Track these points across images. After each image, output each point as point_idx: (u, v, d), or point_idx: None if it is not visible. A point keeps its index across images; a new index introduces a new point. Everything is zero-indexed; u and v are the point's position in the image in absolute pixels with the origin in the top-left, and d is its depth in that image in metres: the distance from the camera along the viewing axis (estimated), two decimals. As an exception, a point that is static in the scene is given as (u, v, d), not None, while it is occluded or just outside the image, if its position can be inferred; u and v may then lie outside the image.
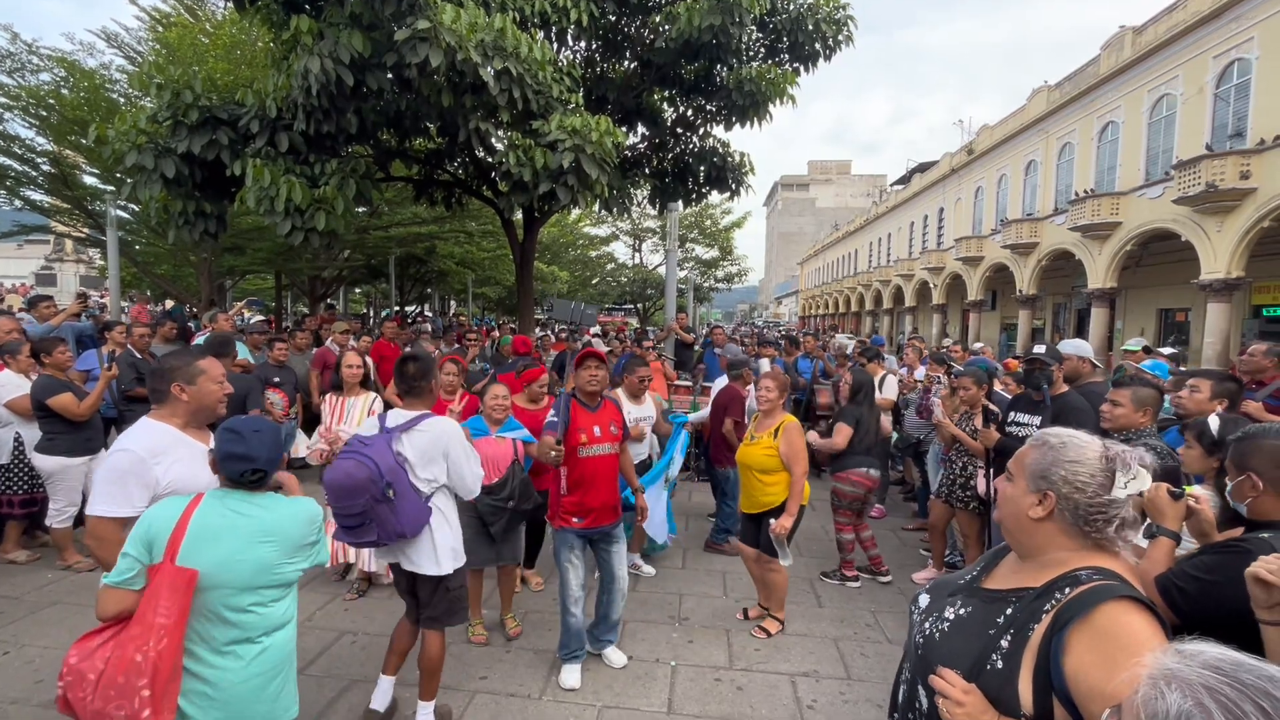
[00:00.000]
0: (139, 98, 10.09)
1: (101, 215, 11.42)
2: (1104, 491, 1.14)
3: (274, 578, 1.81)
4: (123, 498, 1.95)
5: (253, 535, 1.78)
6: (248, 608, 1.78)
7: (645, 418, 4.56)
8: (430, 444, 2.59)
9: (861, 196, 69.35)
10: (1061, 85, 23.12)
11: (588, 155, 6.27)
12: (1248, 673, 0.66)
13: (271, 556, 1.80)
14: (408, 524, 2.51)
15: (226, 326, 6.35)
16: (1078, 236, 20.37)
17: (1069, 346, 4.04)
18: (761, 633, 3.80)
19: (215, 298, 13.48)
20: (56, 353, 4.31)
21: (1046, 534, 1.19)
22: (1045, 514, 1.18)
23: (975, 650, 1.16)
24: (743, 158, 9.73)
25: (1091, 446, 1.19)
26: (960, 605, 1.26)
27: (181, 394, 2.14)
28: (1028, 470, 1.23)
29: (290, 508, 1.88)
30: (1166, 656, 0.71)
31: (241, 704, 1.77)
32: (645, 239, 31.89)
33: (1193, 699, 0.65)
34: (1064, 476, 1.17)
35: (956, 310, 31.85)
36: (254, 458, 1.80)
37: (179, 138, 6.46)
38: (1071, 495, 1.16)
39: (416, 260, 19.91)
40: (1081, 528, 1.16)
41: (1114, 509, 1.14)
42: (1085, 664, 1.01)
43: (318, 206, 6.34)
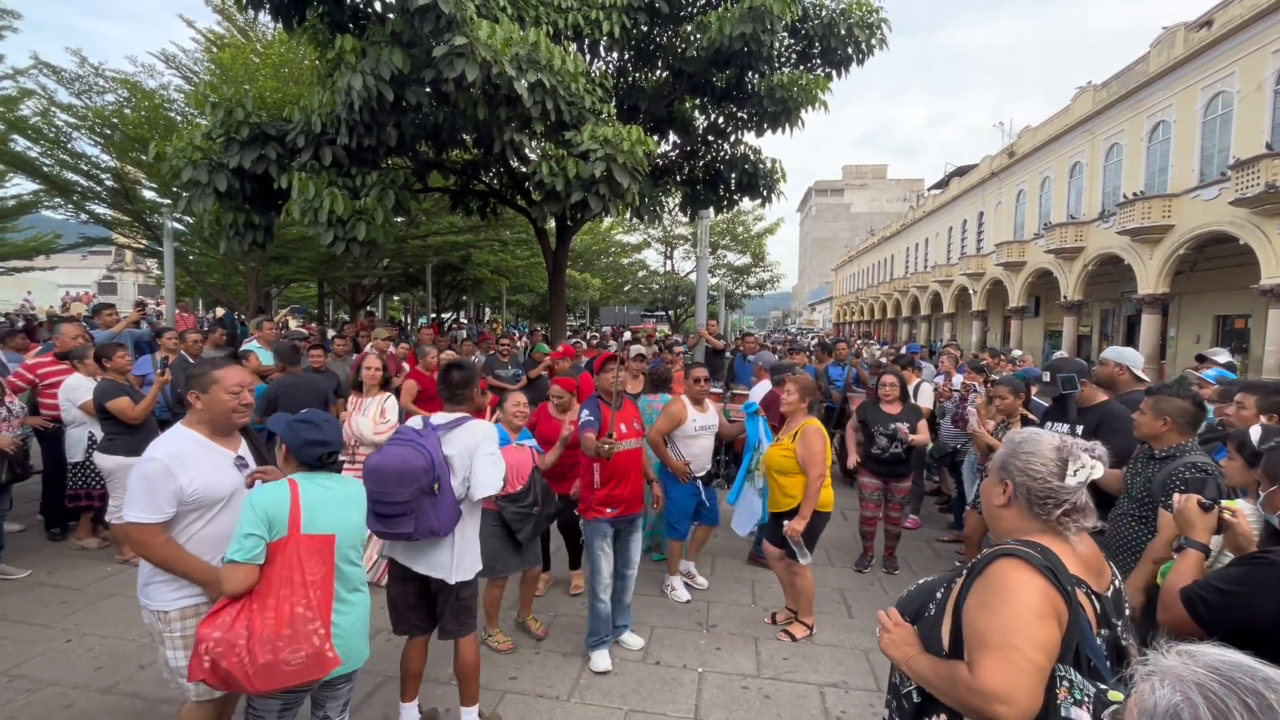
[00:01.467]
0: (195, 116, 10.61)
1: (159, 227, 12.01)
2: (1054, 479, 1.29)
3: (361, 537, 2.23)
4: (153, 505, 2.08)
5: (344, 503, 2.16)
6: (354, 561, 2.18)
7: (709, 426, 4.38)
8: (469, 444, 2.64)
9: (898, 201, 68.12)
10: (1108, 84, 22.37)
11: (619, 164, 6.35)
12: (1244, 674, 0.67)
13: (359, 519, 2.22)
14: (445, 521, 2.54)
15: (271, 334, 6.61)
16: (1127, 240, 19.64)
17: (1112, 353, 3.90)
18: (786, 636, 3.78)
19: (263, 305, 14.02)
20: (117, 357, 4.57)
21: (1010, 519, 1.36)
22: (1005, 500, 1.36)
23: (920, 602, 1.43)
24: (774, 164, 9.70)
25: (1047, 441, 1.35)
26: (935, 578, 1.50)
27: (196, 402, 2.24)
28: (995, 464, 1.42)
29: (354, 485, 2.28)
30: (1169, 656, 0.72)
31: (354, 640, 2.16)
32: (677, 246, 31.96)
33: (1181, 694, 0.67)
34: (1019, 466, 1.34)
35: (997, 317, 30.96)
36: (329, 441, 2.15)
37: (231, 153, 6.77)
38: (1025, 482, 1.32)
39: (452, 268, 20.32)
40: (1035, 511, 1.31)
41: (1062, 494, 1.29)
42: (969, 606, 1.26)
43: (358, 217, 6.56)
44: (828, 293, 73.84)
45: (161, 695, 3.08)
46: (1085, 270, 22.32)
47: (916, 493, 6.43)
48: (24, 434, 4.37)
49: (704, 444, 4.35)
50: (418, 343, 7.48)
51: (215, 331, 6.55)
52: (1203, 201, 17.41)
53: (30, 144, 11.01)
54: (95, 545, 4.86)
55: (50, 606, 3.95)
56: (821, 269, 77.80)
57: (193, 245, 13.64)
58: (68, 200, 12.22)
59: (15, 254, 17.69)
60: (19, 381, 4.90)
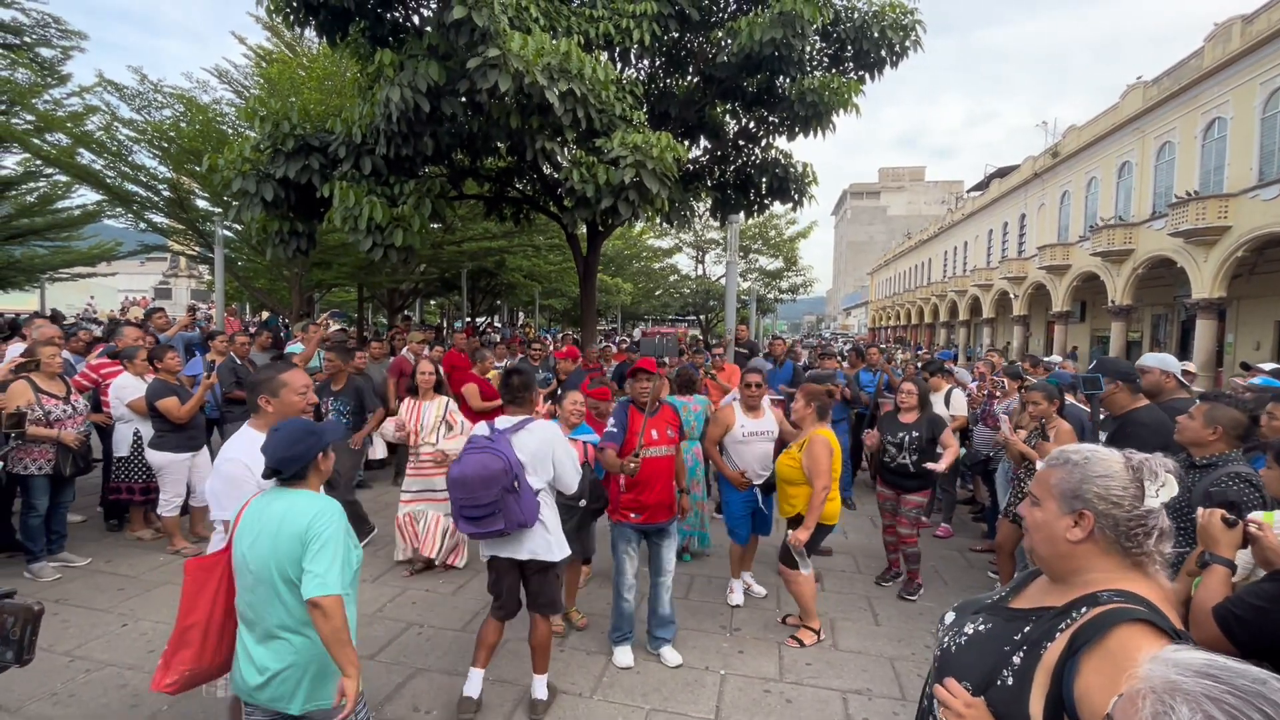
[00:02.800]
0: (245, 129, 11.10)
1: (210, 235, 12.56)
2: (1139, 503, 1.12)
3: (282, 572, 2.07)
4: (238, 504, 2.19)
5: (264, 529, 2.07)
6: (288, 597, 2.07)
7: (762, 431, 4.19)
8: (540, 445, 2.91)
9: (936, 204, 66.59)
10: (1160, 81, 21.51)
11: (649, 170, 6.42)
12: (1239, 677, 0.67)
13: (275, 549, 2.06)
14: (529, 513, 2.80)
15: (316, 336, 6.87)
16: (1179, 242, 18.82)
17: (1151, 359, 3.75)
18: (795, 642, 3.79)
19: (306, 309, 14.52)
20: (167, 359, 4.89)
21: (1085, 556, 1.15)
22: (1084, 535, 1.14)
23: (988, 665, 1.14)
24: (805, 168, 9.65)
25: (1115, 458, 1.17)
26: (981, 622, 1.24)
27: (268, 405, 2.38)
28: (1056, 491, 1.19)
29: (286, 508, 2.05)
30: (1158, 665, 0.72)
31: (283, 684, 2.03)
32: (708, 250, 31.88)
33: (1201, 712, 0.66)
34: (1098, 493, 1.13)
35: (1040, 322, 29.98)
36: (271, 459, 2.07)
37: (277, 164, 7.08)
38: (1110, 511, 1.12)
39: (487, 273, 20.67)
40: (1122, 544, 1.12)
41: (1152, 520, 1.11)
42: (1091, 686, 1.00)
43: (396, 224, 6.78)
44: (863, 297, 72.58)
45: (208, 679, 3.25)
46: (1135, 273, 21.47)
47: (949, 501, 6.30)
48: (86, 430, 4.66)
49: (760, 450, 4.19)
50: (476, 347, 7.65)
51: (262, 334, 6.84)
52: (1262, 201, 16.59)
53: (95, 157, 11.67)
54: (149, 536, 5.13)
55: (108, 593, 4.20)
56: (857, 273, 76.52)
57: (241, 252, 14.22)
58: (128, 210, 12.89)
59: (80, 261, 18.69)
60: (84, 381, 5.22)
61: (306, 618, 1.88)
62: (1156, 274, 21.21)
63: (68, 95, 12.16)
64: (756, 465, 4.19)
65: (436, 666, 3.42)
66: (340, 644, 1.83)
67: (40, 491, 4.35)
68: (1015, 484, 4.33)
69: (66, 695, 3.10)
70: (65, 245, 17.65)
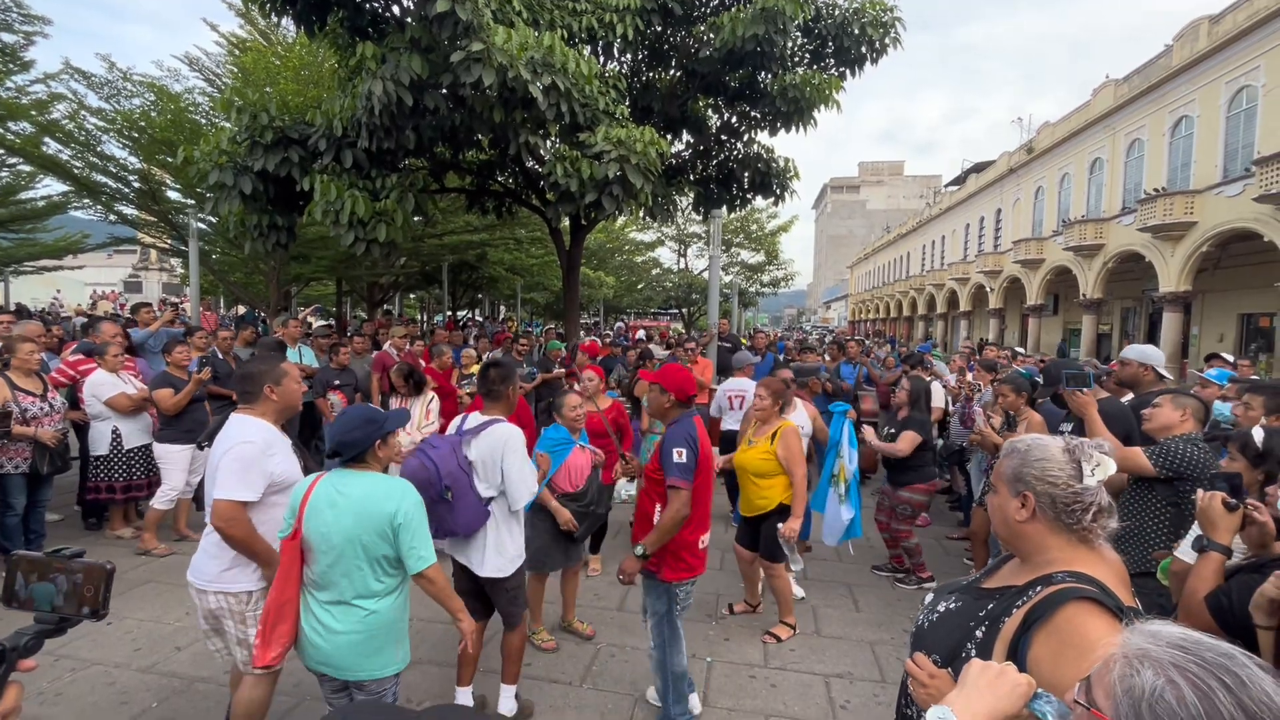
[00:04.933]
0: (219, 119, 10.88)
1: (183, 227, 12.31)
2: (1075, 481, 1.22)
3: (359, 550, 2.25)
4: (246, 484, 2.27)
5: (338, 508, 2.22)
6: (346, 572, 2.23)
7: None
8: (488, 451, 2.69)
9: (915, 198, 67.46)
10: (1130, 79, 22.03)
11: (633, 165, 6.46)
12: (1208, 650, 0.73)
13: (354, 527, 2.22)
14: (462, 524, 2.68)
15: (295, 332, 6.80)
16: (1148, 237, 19.36)
17: (1132, 352, 3.88)
18: (771, 638, 3.79)
19: (283, 304, 14.31)
20: (176, 351, 4.93)
21: (1035, 534, 1.26)
22: (1029, 514, 1.25)
23: (954, 640, 1.24)
24: (787, 163, 9.75)
25: (1054, 444, 1.27)
26: (954, 601, 1.34)
27: (272, 394, 2.41)
28: (1005, 478, 1.31)
29: (368, 489, 2.26)
30: (1135, 635, 0.78)
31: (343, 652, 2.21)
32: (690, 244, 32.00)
33: (1165, 676, 0.71)
34: (1036, 475, 1.25)
35: (1015, 315, 30.61)
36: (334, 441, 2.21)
37: (255, 156, 6.98)
38: (1048, 491, 1.23)
39: (468, 267, 20.54)
40: (1063, 520, 1.22)
41: (1088, 496, 1.22)
42: (1041, 658, 1.10)
43: (379, 219, 6.73)
44: (843, 290, 73.36)
45: (197, 674, 3.26)
46: (1105, 268, 22.03)
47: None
48: (64, 428, 4.59)
49: None
50: (433, 341, 7.65)
51: (246, 329, 6.77)
52: (1226, 198, 17.12)
53: (61, 146, 11.35)
54: (129, 534, 5.07)
55: (90, 591, 4.15)
56: (837, 266, 77.28)
57: (215, 245, 13.96)
58: (96, 201, 12.57)
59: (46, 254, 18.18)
60: (60, 378, 5.13)
61: (379, 589, 2.15)
62: (1126, 268, 21.78)
63: (31, 82, 11.82)
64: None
65: (428, 658, 3.46)
66: (448, 597, 2.25)
67: (17, 490, 4.28)
68: (989, 474, 4.48)
69: (53, 694, 3.08)
70: (30, 238, 17.16)
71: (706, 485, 2.82)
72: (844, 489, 4.22)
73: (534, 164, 8.85)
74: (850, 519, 4.23)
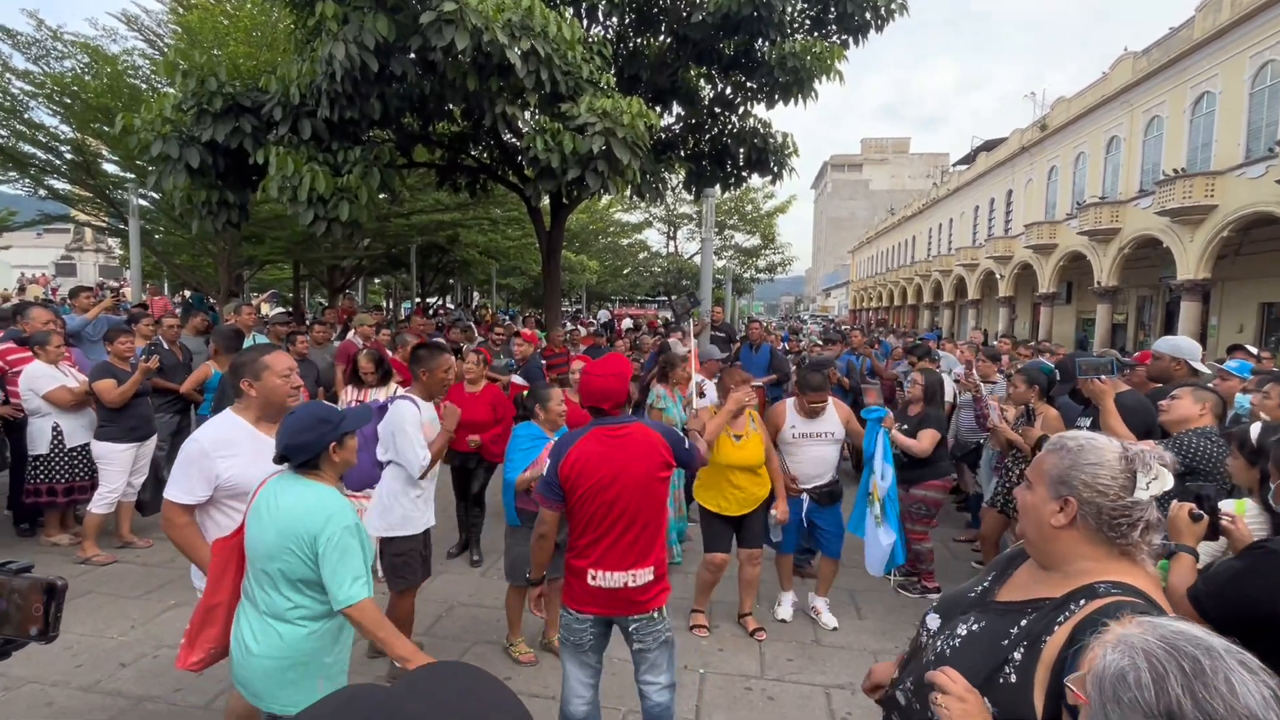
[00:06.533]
0: (162, 84, 10.65)
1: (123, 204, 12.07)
2: (1126, 494, 1.19)
3: (275, 563, 2.17)
4: (186, 486, 2.27)
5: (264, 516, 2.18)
6: (270, 588, 2.16)
7: (816, 433, 4.09)
8: (387, 424, 3.30)
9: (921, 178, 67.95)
10: (1149, 52, 22.30)
11: (619, 139, 6.43)
12: (1188, 642, 0.77)
13: (271, 539, 2.17)
14: (352, 477, 3.35)
15: (249, 320, 6.71)
16: (1166, 221, 19.66)
17: (1164, 345, 3.94)
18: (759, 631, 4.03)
19: (235, 288, 14.11)
20: (119, 341, 4.83)
21: (1069, 542, 1.23)
22: (1067, 521, 1.21)
23: (988, 664, 1.20)
24: (785, 138, 9.77)
25: (1110, 448, 1.23)
26: (974, 620, 1.30)
27: (250, 390, 2.39)
28: (1047, 476, 1.27)
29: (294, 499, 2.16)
30: (1131, 625, 0.83)
31: (256, 677, 2.15)
32: (680, 225, 32.00)
33: (1128, 658, 0.78)
34: (1085, 480, 1.21)
35: (1026, 304, 31.01)
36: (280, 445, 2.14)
37: (203, 126, 6.85)
38: (1094, 499, 1.19)
39: (438, 249, 20.38)
40: (1105, 533, 1.19)
41: (1137, 511, 1.19)
42: None
43: (340, 196, 6.66)
44: (843, 277, 73.84)
45: (145, 693, 3.22)
46: (1121, 253, 22.36)
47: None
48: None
49: (813, 453, 4.09)
50: (398, 330, 7.59)
51: (195, 316, 6.65)
52: (1248, 180, 17.42)
53: (-19, 113, 11.05)
54: (67, 541, 4.98)
55: (23, 604, 4.08)
56: (837, 251, 77.70)
57: (159, 223, 13.70)
58: (24, 174, 12.26)
59: (-35, 232, 17.72)
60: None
61: (295, 614, 2.02)
62: (1143, 254, 22.13)
63: (-53, 41, 11.46)
64: (811, 468, 4.11)
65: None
66: (380, 630, 1.97)
67: (-60, 493, 4.20)
68: (1001, 472, 4.55)
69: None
70: (-52, 215, 16.67)
71: (611, 508, 2.45)
72: (879, 510, 4.03)
73: (511, 137, 8.77)
74: (891, 544, 4.01)
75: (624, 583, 2.48)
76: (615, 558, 2.48)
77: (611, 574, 2.48)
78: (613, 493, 2.43)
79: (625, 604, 2.52)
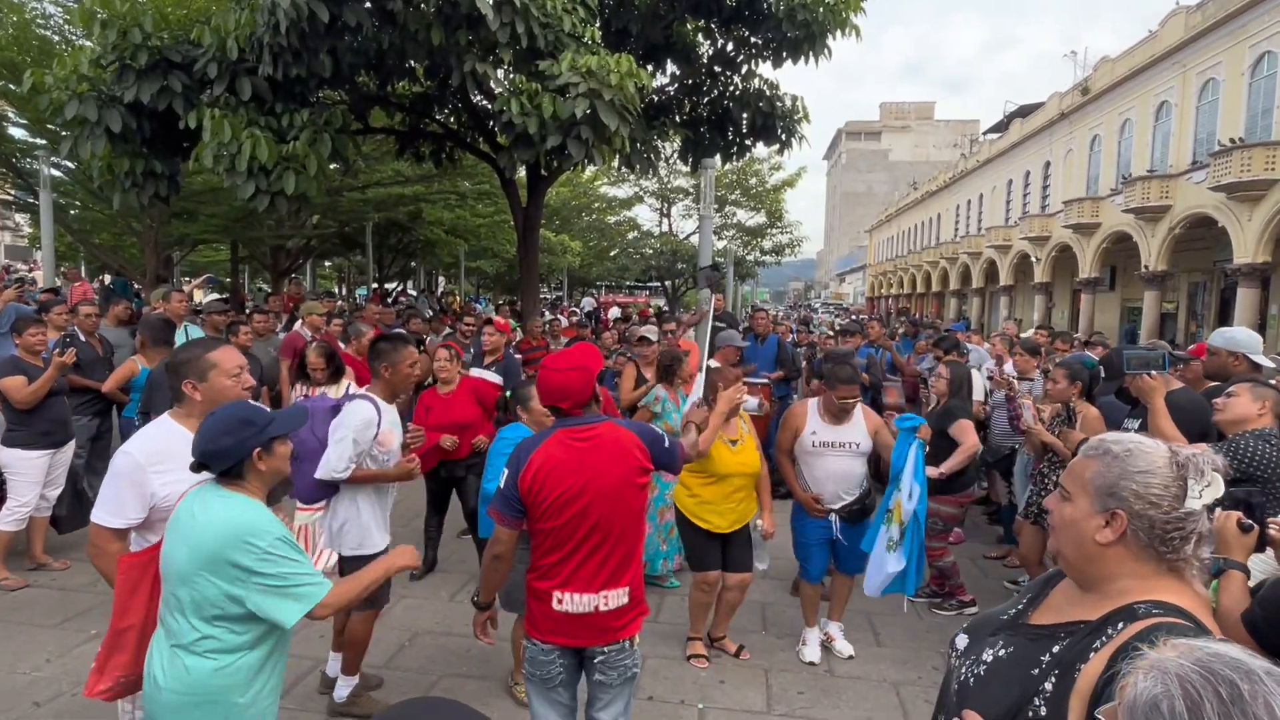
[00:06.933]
0: (77, 36, 10.50)
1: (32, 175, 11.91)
2: (1179, 504, 1.18)
3: (188, 590, 2.13)
4: (117, 507, 2.21)
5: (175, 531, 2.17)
6: (181, 613, 2.14)
7: (841, 443, 4.06)
8: (335, 424, 3.24)
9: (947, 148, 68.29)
10: (1204, 6, 22.47)
11: (605, 102, 6.41)
12: (1226, 666, 0.79)
13: (184, 557, 2.13)
14: (302, 490, 3.36)
15: (180, 308, 6.63)
16: (1221, 198, 19.86)
17: (1219, 338, 3.97)
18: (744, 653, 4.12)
19: (163, 272, 13.97)
20: (28, 333, 4.74)
21: (1115, 560, 1.22)
22: (1115, 537, 1.20)
23: (1015, 695, 1.19)
24: (795, 102, 9.77)
25: (1159, 451, 1.23)
26: (1001, 645, 1.30)
27: (195, 392, 2.33)
28: (1091, 486, 1.25)
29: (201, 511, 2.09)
30: (1166, 649, 0.85)
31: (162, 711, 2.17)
32: (675, 201, 31.95)
33: (1161, 685, 0.79)
34: (1135, 491, 1.19)
35: (1065, 291, 31.29)
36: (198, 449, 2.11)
37: (126, 84, 6.76)
38: (1145, 512, 1.18)
39: (398, 228, 20.28)
40: (1157, 548, 1.19)
41: (1190, 523, 1.18)
42: None
43: (286, 166, 6.60)
44: (859, 260, 74.17)
45: (62, 737, 3.19)
46: (1171, 234, 22.57)
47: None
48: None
49: (835, 467, 4.06)
50: (350, 320, 7.54)
51: (118, 304, 6.57)
52: (1314, 151, 17.63)
53: None
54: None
55: (-81, 635, 4.03)
56: (853, 231, 78.03)
57: (75, 197, 13.55)
58: (-85, 140, 12.09)
59: None
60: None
61: (202, 645, 1.95)
62: (1195, 235, 22.34)
63: None
64: (834, 483, 4.06)
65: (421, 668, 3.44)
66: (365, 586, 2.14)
67: None
68: (1036, 479, 4.58)
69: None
70: None
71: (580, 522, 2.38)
72: (898, 533, 3.88)
73: (482, 99, 8.71)
74: (898, 572, 3.88)
75: (595, 606, 2.41)
76: (585, 578, 2.41)
77: (581, 596, 2.41)
78: (581, 504, 2.37)
79: (595, 631, 2.45)
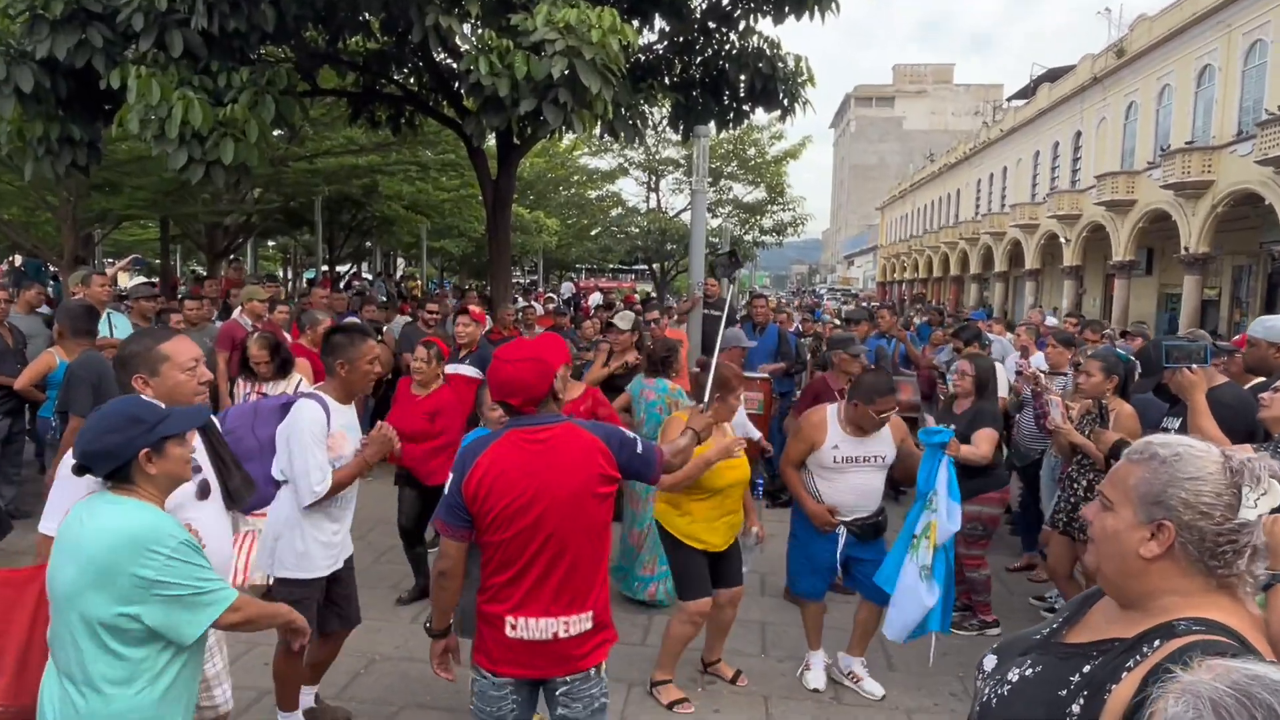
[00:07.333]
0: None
1: (-69, 141, 11.73)
2: (1232, 514, 1.18)
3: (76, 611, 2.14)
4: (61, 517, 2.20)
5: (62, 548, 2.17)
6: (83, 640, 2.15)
7: (864, 456, 4.06)
8: (282, 428, 3.17)
9: (967, 115, 68.76)
10: (1252, -42, 22.74)
11: (585, 61, 6.40)
12: (1264, 688, 0.81)
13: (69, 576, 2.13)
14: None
15: (102, 293, 6.57)
16: (1269, 172, 20.12)
17: (1259, 328, 4.03)
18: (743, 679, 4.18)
19: (82, 252, 13.81)
20: None
21: (1160, 576, 1.23)
22: (1162, 550, 1.21)
23: (1038, 717, 1.22)
24: (798, 63, 9.80)
25: (1210, 456, 1.23)
26: (1029, 665, 1.32)
27: (146, 388, 2.33)
28: (1135, 494, 1.26)
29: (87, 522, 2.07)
30: (1201, 670, 0.87)
31: None
32: (664, 174, 31.91)
33: (1192, 710, 0.81)
34: (1185, 499, 1.19)
35: (1097, 275, 31.66)
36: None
37: (38, 37, 6.67)
38: (1195, 523, 1.19)
39: (351, 203, 20.13)
40: (1207, 563, 1.20)
41: (1245, 535, 1.18)
42: None
43: (223, 132, 6.55)
44: (870, 240, 74.59)
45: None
46: (1214, 213, 22.84)
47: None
48: None
49: (857, 482, 4.08)
50: (302, 307, 7.52)
51: (30, 289, 6.50)
52: (1370, 121, 17.90)
53: None
54: None
55: None
56: (862, 208, 78.45)
57: (-20, 167, 13.36)
58: None
59: None
60: None
61: (97, 675, 1.94)
62: (1240, 213, 22.63)
63: None
64: (854, 499, 4.06)
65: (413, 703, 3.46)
66: (268, 618, 2.29)
67: None
68: (1064, 484, 4.65)
69: None
70: None
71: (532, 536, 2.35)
72: (929, 559, 3.74)
73: (446, 57, 8.67)
74: (932, 607, 3.73)
75: (554, 633, 2.37)
76: (542, 601, 2.37)
77: (538, 621, 2.36)
78: (533, 515, 2.32)
79: (555, 660, 2.41)
